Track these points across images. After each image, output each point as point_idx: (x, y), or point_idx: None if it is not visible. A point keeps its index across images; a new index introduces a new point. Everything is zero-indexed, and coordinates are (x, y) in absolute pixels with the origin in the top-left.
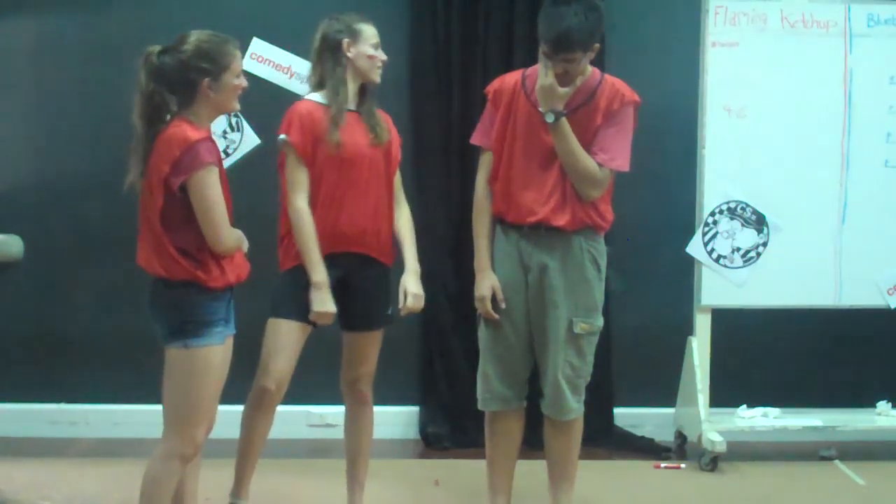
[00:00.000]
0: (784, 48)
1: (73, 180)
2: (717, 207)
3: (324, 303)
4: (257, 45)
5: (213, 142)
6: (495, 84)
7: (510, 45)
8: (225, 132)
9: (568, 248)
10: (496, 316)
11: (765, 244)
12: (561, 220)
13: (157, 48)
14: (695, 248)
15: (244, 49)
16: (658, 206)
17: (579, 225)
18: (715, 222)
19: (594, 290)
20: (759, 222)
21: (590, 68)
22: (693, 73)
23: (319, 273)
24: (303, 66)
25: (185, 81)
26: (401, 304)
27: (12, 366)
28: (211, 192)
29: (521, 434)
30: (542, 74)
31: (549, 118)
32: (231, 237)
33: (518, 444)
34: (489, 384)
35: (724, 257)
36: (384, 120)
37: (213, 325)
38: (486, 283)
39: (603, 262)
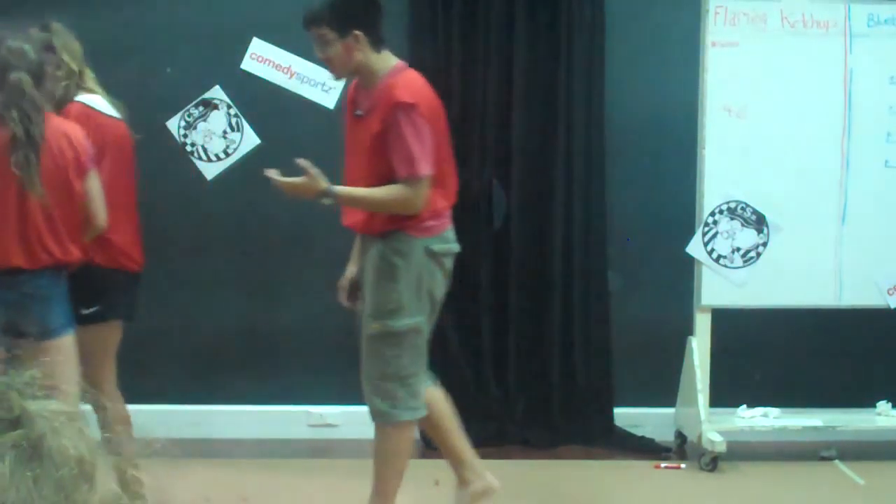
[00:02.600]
0: (784, 48)
1: None
2: (717, 207)
3: None
4: (257, 45)
5: None
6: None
7: (510, 45)
8: (225, 132)
9: (370, 248)
10: (346, 304)
11: (765, 244)
12: (355, 225)
13: (21, 74)
14: (695, 248)
15: (244, 49)
16: (658, 206)
17: (372, 230)
18: (715, 222)
19: (388, 290)
20: (759, 222)
21: (392, 62)
22: (693, 73)
23: None
24: (303, 66)
25: (45, 75)
26: None
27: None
28: None
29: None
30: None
31: (327, 201)
32: None
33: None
34: None
35: (724, 257)
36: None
37: None
38: (345, 274)
39: (406, 261)
